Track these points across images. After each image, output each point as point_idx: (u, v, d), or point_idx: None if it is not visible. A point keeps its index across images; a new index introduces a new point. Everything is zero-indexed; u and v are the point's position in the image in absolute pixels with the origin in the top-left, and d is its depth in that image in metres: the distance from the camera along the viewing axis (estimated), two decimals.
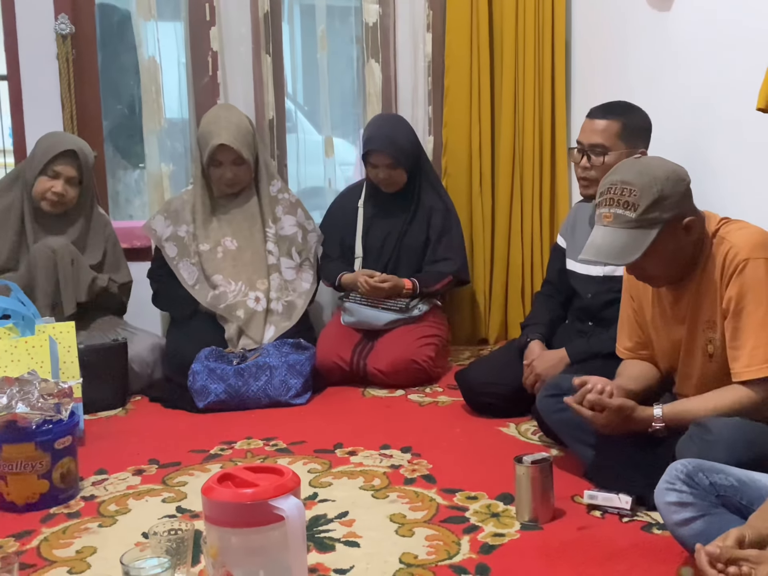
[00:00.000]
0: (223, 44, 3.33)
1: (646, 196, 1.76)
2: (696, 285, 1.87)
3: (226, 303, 2.98)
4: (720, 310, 1.83)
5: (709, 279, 1.84)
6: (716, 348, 1.85)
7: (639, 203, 1.76)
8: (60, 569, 1.70)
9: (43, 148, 2.86)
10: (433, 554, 1.74)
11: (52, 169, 2.83)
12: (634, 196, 1.76)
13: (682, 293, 1.90)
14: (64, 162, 2.84)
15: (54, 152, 2.82)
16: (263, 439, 2.48)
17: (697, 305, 1.87)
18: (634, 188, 1.77)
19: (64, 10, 3.19)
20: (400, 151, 3.05)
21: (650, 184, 1.77)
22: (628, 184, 1.78)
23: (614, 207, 1.79)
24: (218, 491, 1.46)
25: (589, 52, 3.36)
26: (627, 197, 1.77)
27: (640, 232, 1.77)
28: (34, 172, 2.84)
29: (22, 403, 2.03)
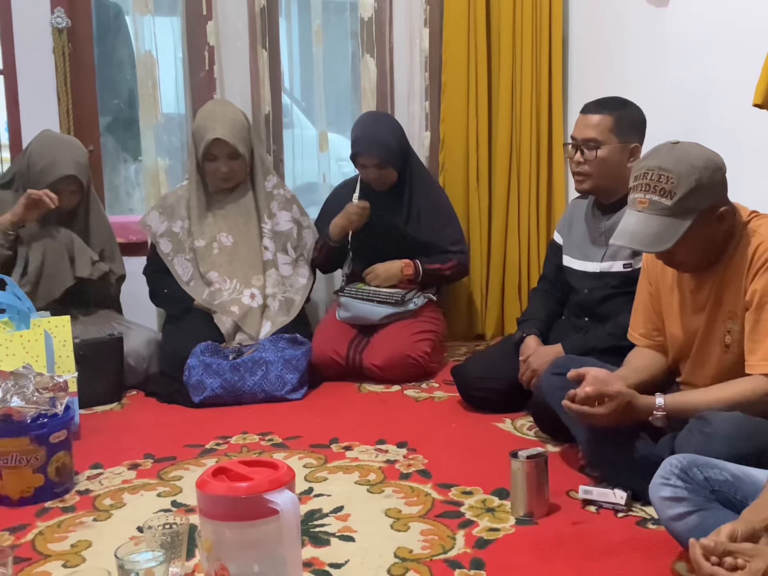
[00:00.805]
0: (220, 39, 3.32)
1: (684, 184, 1.74)
2: (720, 274, 1.86)
3: (220, 300, 2.98)
4: (743, 301, 1.82)
5: (735, 270, 1.83)
6: (734, 339, 1.85)
7: (676, 191, 1.74)
8: (55, 563, 1.71)
9: (42, 164, 2.80)
10: (428, 549, 1.74)
11: (53, 187, 2.78)
12: (672, 183, 1.74)
13: (704, 281, 1.89)
14: (64, 181, 2.81)
15: (55, 176, 2.78)
16: (259, 434, 2.48)
17: (719, 294, 1.87)
18: (671, 175, 1.75)
19: (60, 4, 3.17)
20: (387, 151, 3.05)
21: (688, 172, 1.74)
22: (665, 171, 1.75)
23: (650, 193, 1.77)
24: (213, 485, 1.46)
25: (586, 47, 3.36)
26: (664, 184, 1.75)
27: (675, 220, 1.75)
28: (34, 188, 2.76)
29: (17, 397, 2.04)
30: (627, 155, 2.38)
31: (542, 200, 3.50)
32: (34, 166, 2.83)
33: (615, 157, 2.36)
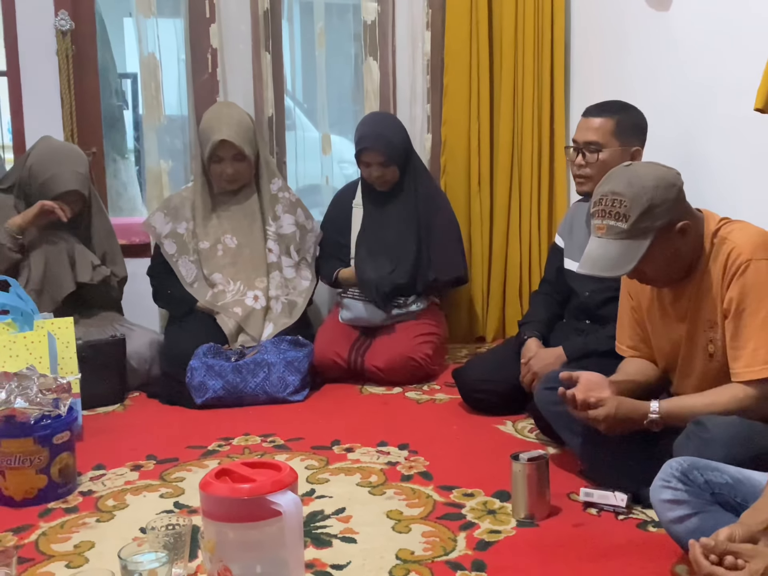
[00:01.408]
0: (223, 41, 3.33)
1: (636, 206, 1.76)
2: (697, 284, 1.87)
3: (224, 301, 2.99)
4: (721, 309, 1.83)
5: (710, 278, 1.84)
6: (717, 348, 1.85)
7: (630, 214, 1.77)
8: (58, 563, 1.71)
9: (44, 178, 2.80)
10: (429, 550, 1.75)
11: (54, 201, 2.79)
12: (625, 206, 1.77)
13: (682, 292, 1.90)
14: (67, 195, 2.82)
15: (57, 191, 2.79)
16: (261, 436, 2.49)
17: (697, 304, 1.88)
18: (624, 199, 1.77)
19: (64, 7, 3.18)
20: (392, 148, 3.06)
21: (640, 194, 1.77)
22: (618, 195, 1.78)
23: (606, 218, 1.80)
24: (216, 486, 1.47)
25: (588, 51, 3.37)
26: (618, 208, 1.78)
27: (633, 242, 1.78)
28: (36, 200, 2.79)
29: (20, 398, 2.04)
30: (628, 158, 2.38)
31: (543, 203, 3.51)
32: (35, 178, 2.83)
33: (616, 160, 2.35)
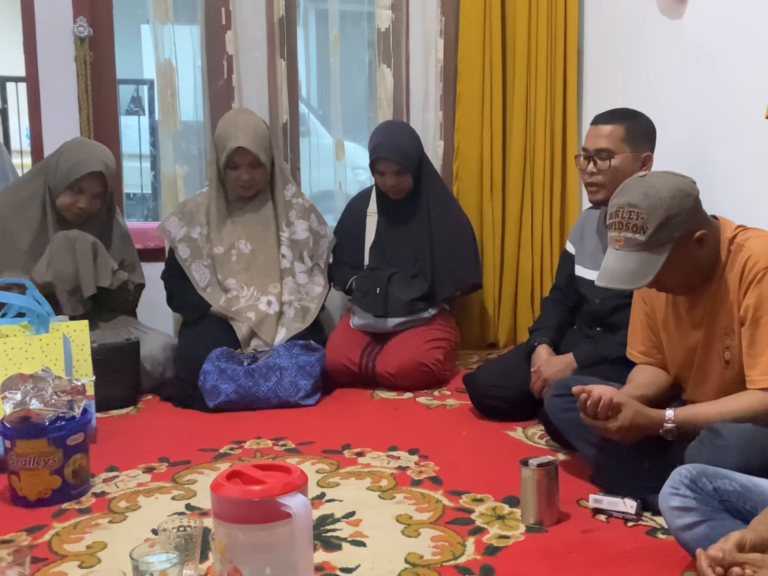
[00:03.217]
0: (239, 48, 3.36)
1: (654, 218, 1.76)
2: (713, 291, 1.87)
3: (237, 306, 3.01)
4: (737, 317, 1.83)
5: (727, 286, 1.85)
6: (733, 355, 1.85)
7: (647, 226, 1.77)
8: (71, 563, 1.73)
9: (71, 163, 2.85)
10: (438, 555, 1.75)
11: (78, 185, 2.84)
12: (642, 218, 1.77)
13: (698, 299, 1.90)
14: (90, 179, 2.85)
15: (82, 172, 2.83)
16: (272, 439, 2.49)
17: (714, 311, 1.88)
18: (641, 211, 1.77)
19: (82, 14, 3.21)
20: (406, 157, 3.08)
21: (656, 205, 1.77)
22: (634, 207, 1.78)
23: (624, 231, 1.80)
24: (227, 488, 1.48)
25: (601, 58, 3.37)
26: (635, 220, 1.78)
27: (651, 254, 1.78)
28: (60, 187, 2.84)
29: (35, 399, 2.07)
30: (639, 164, 2.39)
31: (555, 210, 3.51)
32: (63, 163, 2.87)
33: (628, 166, 2.37)
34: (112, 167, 2.94)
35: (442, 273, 3.13)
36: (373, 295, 3.04)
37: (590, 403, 1.87)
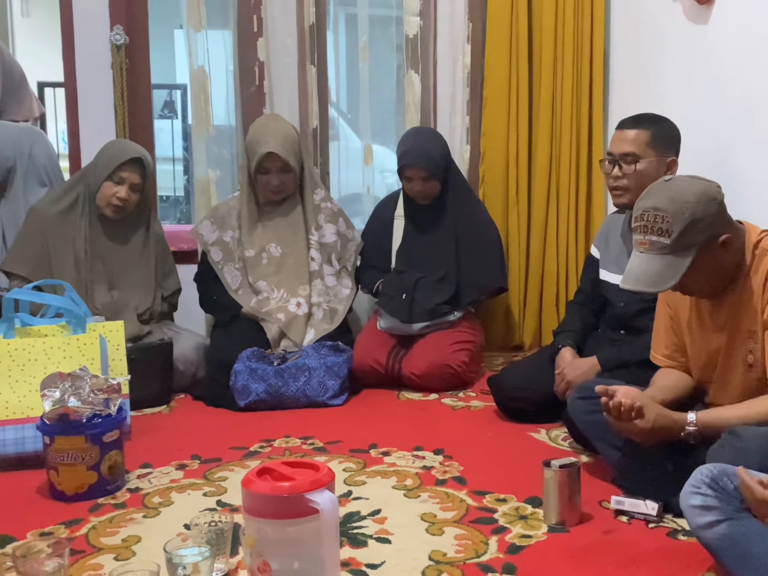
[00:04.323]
0: (270, 54, 3.41)
1: (679, 222, 1.77)
2: (737, 295, 1.87)
3: (268, 308, 3.05)
4: (761, 320, 1.83)
5: (751, 289, 1.85)
6: (756, 358, 1.85)
7: (672, 229, 1.78)
8: (107, 556, 1.77)
9: (110, 154, 2.93)
10: (461, 553, 1.77)
11: (118, 175, 2.90)
12: (667, 222, 1.78)
13: (721, 303, 1.91)
14: (130, 169, 2.91)
15: (122, 159, 2.89)
16: (301, 438, 2.53)
17: (737, 314, 1.88)
18: (666, 215, 1.78)
19: (119, 22, 3.28)
20: (434, 164, 3.10)
21: (682, 209, 1.78)
22: (660, 211, 1.79)
23: (649, 234, 1.81)
24: (257, 484, 1.51)
25: (627, 63, 3.37)
26: (660, 224, 1.79)
27: (676, 257, 1.79)
28: (100, 177, 2.91)
29: (73, 397, 2.10)
30: (664, 169, 2.39)
31: (581, 214, 3.52)
32: (102, 158, 2.93)
33: (653, 170, 2.37)
34: (150, 161, 3.00)
35: (468, 277, 3.15)
36: (399, 300, 3.07)
37: (613, 405, 1.88)
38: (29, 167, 3.10)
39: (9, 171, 3.09)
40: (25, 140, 3.12)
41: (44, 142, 3.23)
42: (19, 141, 3.11)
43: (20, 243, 2.96)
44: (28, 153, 3.10)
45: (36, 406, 2.24)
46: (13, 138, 3.11)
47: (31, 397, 2.29)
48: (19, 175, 3.09)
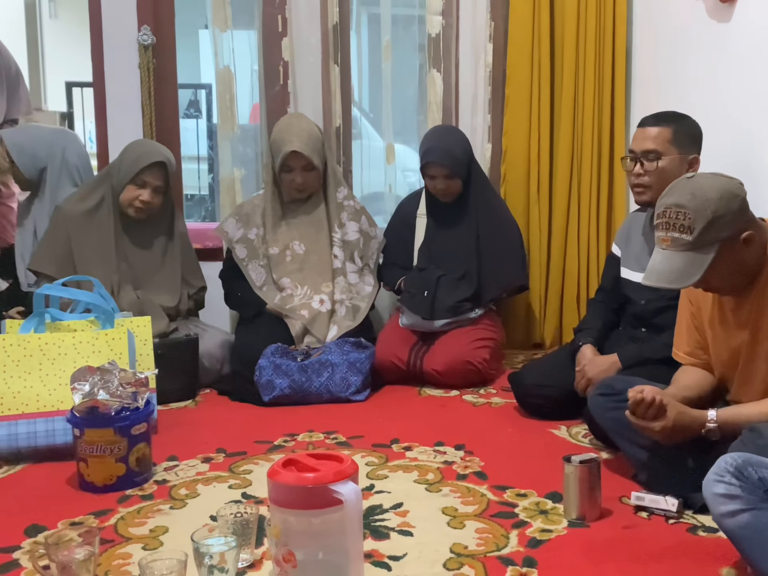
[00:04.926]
0: (294, 54, 3.45)
1: (701, 218, 1.78)
2: (760, 291, 1.87)
3: (292, 305, 3.08)
4: None
5: None
6: None
7: (694, 226, 1.78)
8: (135, 545, 1.80)
9: (133, 157, 2.96)
10: (482, 546, 1.78)
11: (140, 178, 2.94)
12: (689, 219, 1.79)
13: (744, 299, 1.91)
14: (152, 172, 2.95)
15: (144, 163, 2.93)
16: (324, 433, 2.55)
17: (760, 312, 1.88)
18: (687, 211, 1.79)
19: (146, 22, 3.33)
20: (456, 162, 3.12)
21: (703, 206, 1.78)
22: (681, 207, 1.80)
23: (671, 230, 1.81)
24: (282, 475, 1.53)
25: (648, 61, 3.37)
26: (682, 220, 1.79)
27: (698, 254, 1.79)
28: (123, 180, 2.95)
29: (102, 390, 2.13)
30: (686, 166, 2.40)
31: (602, 212, 3.52)
32: (126, 159, 2.97)
33: (675, 168, 2.38)
34: (173, 163, 3.04)
35: (489, 274, 3.16)
36: (421, 297, 3.09)
37: (635, 402, 1.89)
38: (62, 168, 3.15)
39: (42, 171, 3.15)
40: (59, 141, 3.18)
41: (77, 144, 3.28)
42: (52, 142, 3.16)
43: (46, 242, 3.02)
44: (61, 154, 3.15)
45: (66, 399, 2.28)
46: (47, 139, 3.18)
47: (62, 391, 2.33)
48: (51, 175, 3.15)
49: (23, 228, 3.20)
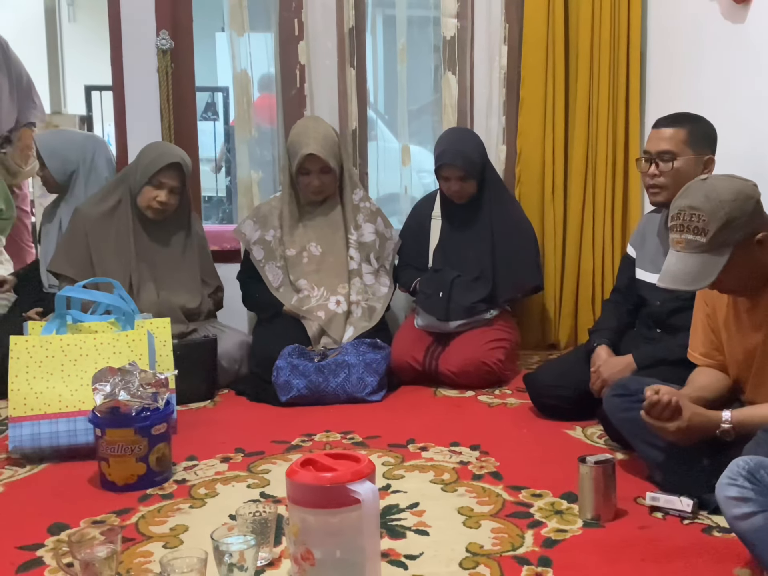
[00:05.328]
0: (310, 58, 3.47)
1: (715, 220, 1.78)
2: None
3: (308, 306, 3.11)
4: None
5: None
6: None
7: (708, 228, 1.79)
8: (156, 544, 1.83)
9: (150, 158, 2.99)
10: (497, 545, 1.79)
11: (157, 179, 2.97)
12: (703, 221, 1.79)
13: (759, 300, 1.91)
14: (169, 173, 2.97)
15: (161, 164, 2.96)
16: (341, 433, 2.57)
17: None
18: (702, 213, 1.79)
19: (165, 27, 3.36)
20: (471, 164, 3.13)
21: (718, 208, 1.79)
22: (695, 210, 1.80)
23: (685, 232, 1.82)
24: (301, 474, 1.55)
25: (663, 63, 3.36)
26: (696, 223, 1.80)
27: (712, 256, 1.80)
28: (141, 182, 2.98)
29: (123, 391, 2.16)
30: (701, 167, 2.39)
31: (617, 213, 3.52)
32: (143, 161, 3.01)
33: (690, 168, 2.38)
34: (189, 165, 3.07)
35: (504, 275, 3.17)
36: (436, 298, 3.10)
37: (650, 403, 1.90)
38: (91, 173, 3.22)
39: (72, 174, 3.22)
40: (89, 147, 3.26)
41: (106, 151, 3.36)
42: (84, 147, 3.25)
43: (65, 244, 3.06)
44: (91, 159, 3.23)
45: (87, 400, 2.31)
46: (79, 144, 3.26)
47: (83, 391, 2.36)
48: (80, 179, 3.22)
49: (48, 230, 3.26)
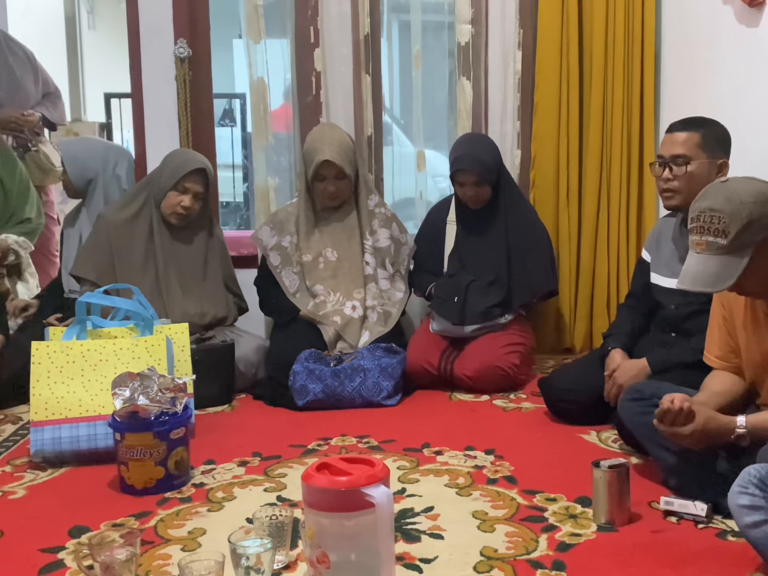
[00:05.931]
0: (326, 65, 3.50)
1: (736, 222, 1.78)
2: None
3: (324, 311, 3.13)
4: None
5: None
6: None
7: (729, 230, 1.78)
8: (174, 547, 1.84)
9: (175, 164, 3.04)
10: (512, 549, 1.80)
11: (182, 185, 3.02)
12: (724, 223, 1.79)
13: None
14: (194, 178, 3.02)
15: (186, 170, 3.01)
16: (357, 437, 2.58)
17: None
18: (722, 215, 1.79)
19: (182, 35, 3.40)
20: (486, 169, 3.14)
21: (738, 209, 1.79)
22: (716, 211, 1.80)
23: (705, 234, 1.82)
24: (316, 478, 1.56)
25: (677, 67, 3.37)
26: (716, 224, 1.80)
27: (733, 257, 1.80)
28: (165, 187, 3.03)
29: (142, 396, 2.17)
30: (715, 171, 2.39)
31: (632, 217, 3.52)
32: (167, 167, 3.06)
33: (704, 172, 2.38)
34: (212, 171, 3.11)
35: (519, 280, 3.18)
36: (451, 303, 3.11)
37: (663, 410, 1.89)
38: (111, 181, 3.28)
39: (90, 182, 3.28)
40: (112, 156, 3.36)
41: (128, 161, 3.43)
42: (106, 156, 3.34)
43: (88, 249, 3.10)
44: (112, 168, 3.31)
45: (107, 404, 2.33)
46: (101, 153, 3.34)
47: (103, 396, 2.39)
48: (99, 187, 3.27)
49: (69, 234, 3.33)
